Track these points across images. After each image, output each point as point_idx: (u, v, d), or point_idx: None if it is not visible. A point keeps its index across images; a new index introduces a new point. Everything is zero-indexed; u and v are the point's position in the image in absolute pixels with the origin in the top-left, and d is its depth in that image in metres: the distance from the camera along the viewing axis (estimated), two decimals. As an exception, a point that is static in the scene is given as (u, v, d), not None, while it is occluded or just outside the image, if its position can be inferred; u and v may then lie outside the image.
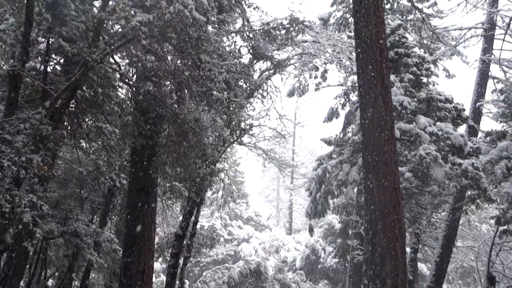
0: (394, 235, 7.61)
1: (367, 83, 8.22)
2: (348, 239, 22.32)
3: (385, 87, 8.18)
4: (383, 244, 7.56)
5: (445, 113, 13.56)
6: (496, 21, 17.75)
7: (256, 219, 43.37)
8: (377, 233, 7.64)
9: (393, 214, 7.66)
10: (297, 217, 53.17)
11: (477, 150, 12.76)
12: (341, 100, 23.08)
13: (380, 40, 8.40)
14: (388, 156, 7.85)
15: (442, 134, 12.82)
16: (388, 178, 7.76)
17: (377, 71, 8.20)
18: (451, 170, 12.17)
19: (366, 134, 8.15)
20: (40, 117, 8.22)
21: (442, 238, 16.82)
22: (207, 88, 7.26)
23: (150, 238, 9.87)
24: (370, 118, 8.10)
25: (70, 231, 11.11)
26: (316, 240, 32.15)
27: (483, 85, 17.63)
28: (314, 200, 20.20)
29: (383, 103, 8.10)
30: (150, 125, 8.82)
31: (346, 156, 14.70)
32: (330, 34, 17.94)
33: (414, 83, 14.22)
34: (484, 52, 17.74)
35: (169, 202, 21.40)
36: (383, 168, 7.80)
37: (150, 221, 9.94)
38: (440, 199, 14.53)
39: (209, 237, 17.99)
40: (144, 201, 9.84)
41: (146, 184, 9.64)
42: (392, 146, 7.97)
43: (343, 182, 14.73)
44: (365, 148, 8.16)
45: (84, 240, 11.21)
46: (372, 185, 7.82)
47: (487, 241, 17.19)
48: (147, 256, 9.81)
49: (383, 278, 7.46)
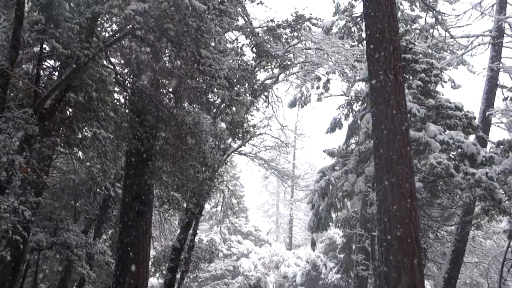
0: (411, 245, 6.94)
1: (379, 82, 7.63)
2: (351, 254, 21.57)
3: (399, 85, 7.59)
4: (398, 256, 6.89)
5: (456, 121, 12.98)
6: (504, 28, 17.27)
7: (256, 233, 42.57)
8: (392, 244, 6.98)
9: (409, 223, 7.01)
10: (297, 232, 52.39)
11: (490, 159, 12.15)
12: (344, 110, 22.50)
13: (393, 36, 7.84)
14: (403, 160, 7.23)
15: (453, 142, 12.22)
16: (403, 184, 7.13)
17: (390, 68, 7.62)
18: (463, 180, 11.53)
19: (378, 136, 7.54)
20: (27, 117, 7.64)
21: (451, 253, 16.13)
22: (207, 85, 6.69)
23: (145, 249, 9.18)
24: (383, 119, 7.50)
25: (60, 242, 10.43)
26: (317, 255, 31.44)
27: (491, 94, 17.10)
28: (316, 213, 19.53)
29: (397, 103, 7.51)
30: (146, 127, 8.21)
31: (352, 166, 14.07)
32: (334, 41, 17.46)
33: (422, 90, 13.66)
34: (492, 60, 17.24)
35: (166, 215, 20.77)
36: (398, 172, 7.17)
37: (145, 231, 9.26)
38: (450, 212, 13.87)
39: (208, 251, 17.27)
40: (138, 210, 9.17)
41: (141, 192, 8.99)
42: (408, 149, 7.36)
43: (349, 193, 14.09)
44: (377, 151, 7.54)
45: (75, 252, 10.53)
46: (386, 191, 7.19)
47: (498, 257, 16.47)
48: (141, 269, 9.11)
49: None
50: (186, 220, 15.39)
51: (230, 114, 7.39)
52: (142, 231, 8.97)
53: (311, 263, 31.45)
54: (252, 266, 35.38)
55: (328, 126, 22.61)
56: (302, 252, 36.63)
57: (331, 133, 22.35)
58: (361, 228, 18.00)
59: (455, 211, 13.76)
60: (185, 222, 15.44)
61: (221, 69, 6.71)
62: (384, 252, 7.06)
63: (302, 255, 35.46)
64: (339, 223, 21.68)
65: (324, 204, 19.22)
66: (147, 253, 9.16)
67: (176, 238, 15.69)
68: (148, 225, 9.17)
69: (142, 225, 8.96)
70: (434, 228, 14.87)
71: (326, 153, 21.71)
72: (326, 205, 19.37)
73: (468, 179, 11.49)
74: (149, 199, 8.98)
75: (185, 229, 15.39)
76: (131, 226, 8.87)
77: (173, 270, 15.01)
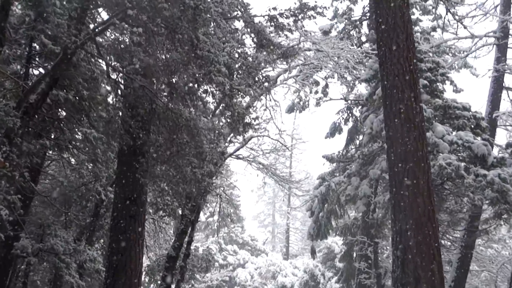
0: (430, 248, 6.32)
1: (392, 72, 7.06)
2: (353, 262, 20.89)
3: (413, 75, 7.01)
4: (417, 260, 6.26)
5: (464, 121, 12.42)
6: (509, 29, 16.81)
7: (252, 243, 41.84)
8: (409, 247, 6.34)
9: (427, 222, 6.39)
10: (294, 242, 51.74)
11: (502, 160, 11.57)
12: (343, 115, 21.97)
13: (407, 23, 7.29)
14: (420, 155, 6.63)
15: (462, 143, 11.64)
16: (420, 181, 6.52)
17: (403, 57, 7.05)
18: (474, 182, 10.94)
19: (392, 130, 6.94)
20: (8, 109, 7.01)
21: (457, 260, 15.49)
22: (205, 71, 6.09)
23: (138, 254, 8.49)
24: (397, 112, 6.91)
25: (46, 248, 9.72)
26: (315, 265, 30.79)
27: (497, 96, 16.59)
28: (316, 220, 18.90)
29: (413, 94, 6.93)
30: (138, 122, 7.57)
31: (355, 169, 13.46)
32: (334, 41, 16.97)
33: (428, 89, 13.11)
34: (497, 61, 16.74)
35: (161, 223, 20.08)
36: (415, 168, 6.56)
37: (138, 236, 8.58)
38: (458, 217, 13.27)
39: (205, 259, 16.56)
40: (131, 213, 8.49)
41: (134, 193, 8.32)
42: (424, 144, 6.77)
43: (352, 198, 13.46)
44: (390, 146, 6.94)
45: (62, 259, 9.82)
46: (401, 189, 6.57)
47: (506, 264, 15.84)
48: (133, 277, 8.42)
49: (418, 301, 6.15)
50: (182, 227, 14.73)
51: (231, 105, 6.79)
52: (135, 235, 8.29)
53: (309, 273, 30.77)
54: (249, 277, 34.68)
55: (328, 131, 22.05)
56: (300, 262, 35.97)
57: (331, 138, 21.77)
58: (363, 235, 17.36)
59: (463, 216, 13.14)
60: (181, 229, 14.78)
61: (220, 55, 6.13)
62: (400, 255, 6.43)
63: (300, 264, 34.80)
64: (339, 231, 21.01)
65: (325, 210, 18.60)
66: (139, 258, 8.47)
67: (171, 246, 15.01)
68: (141, 228, 8.50)
69: (135, 227, 8.29)
70: (440, 233, 14.24)
71: (325, 158, 21.14)
72: (326, 212, 18.74)
73: (479, 180, 10.91)
74: (142, 200, 8.31)
75: (181, 236, 14.72)
76: (122, 229, 8.20)
77: (168, 279, 14.31)
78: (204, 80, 6.28)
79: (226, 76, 6.23)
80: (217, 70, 6.07)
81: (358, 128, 21.86)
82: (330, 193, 17.39)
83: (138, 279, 8.76)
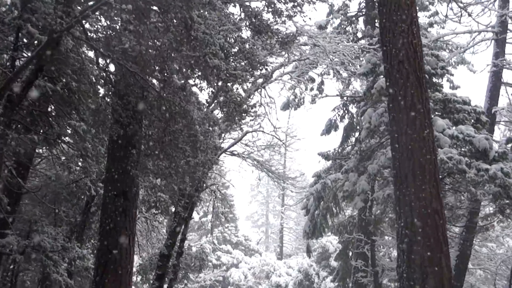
0: (438, 242, 5.99)
1: (396, 58, 6.72)
2: (348, 260, 20.57)
3: (417, 61, 6.69)
4: (424, 254, 5.92)
5: (464, 115, 12.13)
6: (508, 23, 16.56)
7: (246, 243, 41.47)
8: (415, 240, 6.00)
9: (434, 213, 6.06)
10: (288, 242, 51.44)
11: (504, 155, 11.27)
12: (339, 111, 21.64)
13: (411, 7, 6.96)
14: (427, 144, 6.29)
15: (463, 137, 11.33)
16: (427, 171, 6.19)
17: (408, 42, 6.72)
18: (476, 177, 10.63)
19: (397, 118, 6.60)
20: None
21: (455, 258, 15.19)
22: (201, 53, 5.71)
23: (128, 252, 8.09)
24: (402, 99, 6.57)
25: (33, 245, 9.29)
26: (309, 264, 30.51)
27: (495, 91, 16.33)
28: (312, 218, 18.54)
29: (418, 81, 6.60)
30: (129, 111, 7.17)
31: (353, 165, 13.12)
32: (331, 36, 16.66)
33: (427, 82, 12.78)
34: (496, 56, 16.50)
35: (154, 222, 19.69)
36: (421, 158, 6.22)
37: (128, 232, 8.17)
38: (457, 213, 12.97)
39: (198, 258, 16.17)
40: (121, 208, 8.08)
41: (124, 186, 7.91)
42: (431, 133, 6.43)
43: (350, 194, 13.11)
44: (395, 135, 6.59)
45: (50, 257, 9.40)
46: (406, 178, 6.23)
47: (506, 262, 15.57)
48: (123, 274, 8.01)
49: (425, 297, 5.81)
50: (175, 225, 14.34)
51: (227, 91, 6.41)
52: (125, 230, 7.89)
53: (303, 272, 30.46)
54: (242, 277, 34.33)
55: (323, 128, 21.71)
56: (294, 262, 35.63)
57: (327, 135, 21.44)
58: (359, 233, 17.03)
59: (463, 212, 12.84)
60: (174, 226, 14.39)
61: (216, 37, 5.75)
62: (406, 249, 6.09)
63: (294, 264, 34.46)
64: (334, 229, 20.68)
65: (320, 208, 18.25)
66: (130, 255, 8.07)
67: (164, 244, 14.61)
68: (132, 224, 8.09)
69: (125, 223, 7.88)
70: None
71: (321, 156, 20.80)
72: (322, 210, 18.39)
73: (481, 175, 10.60)
74: (133, 194, 7.91)
75: (174, 234, 14.33)
76: (113, 224, 7.79)
77: (160, 278, 13.93)
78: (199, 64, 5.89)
79: (223, 60, 5.87)
80: (213, 52, 5.70)
81: (354, 125, 21.56)
82: (326, 190, 17.05)
83: (129, 277, 8.36)
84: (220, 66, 5.76)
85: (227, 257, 36.18)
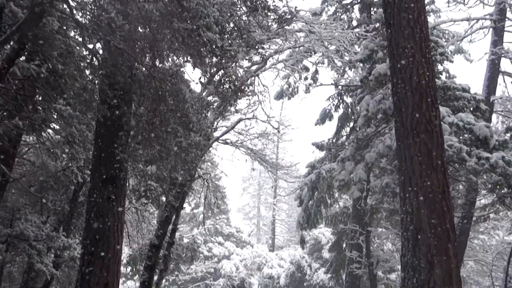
0: (445, 230, 5.65)
1: (401, 34, 6.34)
2: (342, 252, 20.30)
3: (423, 39, 6.31)
4: (430, 242, 5.58)
5: (464, 102, 11.81)
6: (506, 11, 16.24)
7: (237, 235, 41.16)
8: (421, 227, 5.66)
9: (441, 201, 5.71)
10: (280, 233, 51.24)
11: (504, 143, 10.97)
12: (334, 101, 21.25)
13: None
14: (433, 126, 5.93)
15: (463, 125, 11.02)
16: (434, 155, 5.83)
17: (414, 18, 6.34)
18: (477, 165, 10.32)
19: (401, 99, 6.23)
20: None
21: (452, 249, 14.94)
22: (194, 26, 5.28)
23: (116, 240, 7.68)
24: (406, 79, 6.19)
25: (15, 234, 8.86)
26: (301, 256, 30.27)
27: (493, 80, 16.05)
28: (306, 208, 18.23)
29: (424, 59, 6.23)
30: (116, 91, 6.74)
31: (349, 154, 12.77)
32: (327, 22, 16.24)
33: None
34: (493, 45, 16.20)
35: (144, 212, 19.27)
36: (427, 140, 5.87)
37: (116, 219, 7.75)
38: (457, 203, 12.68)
39: (190, 249, 15.77)
40: (109, 195, 7.65)
41: (112, 172, 7.49)
42: (438, 114, 6.07)
43: (346, 183, 12.76)
44: (399, 117, 6.23)
45: (33, 246, 8.97)
46: (412, 164, 5.87)
47: (502, 254, 15.34)
48: (111, 264, 7.61)
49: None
50: (166, 214, 13.91)
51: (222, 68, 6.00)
52: (113, 217, 7.47)
53: (295, 264, 30.21)
54: (234, 268, 34.01)
55: (318, 118, 21.32)
56: (285, 253, 35.38)
57: (321, 125, 21.07)
58: (354, 224, 16.73)
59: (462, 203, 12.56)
60: (165, 216, 13.96)
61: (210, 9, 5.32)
62: (411, 238, 5.74)
63: (286, 256, 34.21)
64: (328, 220, 20.39)
65: (314, 199, 17.96)
66: (119, 244, 7.66)
67: (154, 234, 14.20)
68: (121, 210, 7.68)
69: (113, 210, 7.47)
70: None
71: (315, 146, 20.46)
72: (316, 200, 18.10)
73: (482, 163, 10.29)
74: (121, 179, 7.48)
75: (164, 224, 13.91)
76: (100, 211, 7.37)
77: (150, 269, 13.51)
78: (192, 38, 5.46)
79: (217, 34, 5.45)
80: (206, 25, 5.27)
81: (349, 115, 21.21)
82: (321, 180, 16.73)
83: (117, 267, 7.95)
84: (214, 40, 5.34)
85: (218, 249, 35.85)
